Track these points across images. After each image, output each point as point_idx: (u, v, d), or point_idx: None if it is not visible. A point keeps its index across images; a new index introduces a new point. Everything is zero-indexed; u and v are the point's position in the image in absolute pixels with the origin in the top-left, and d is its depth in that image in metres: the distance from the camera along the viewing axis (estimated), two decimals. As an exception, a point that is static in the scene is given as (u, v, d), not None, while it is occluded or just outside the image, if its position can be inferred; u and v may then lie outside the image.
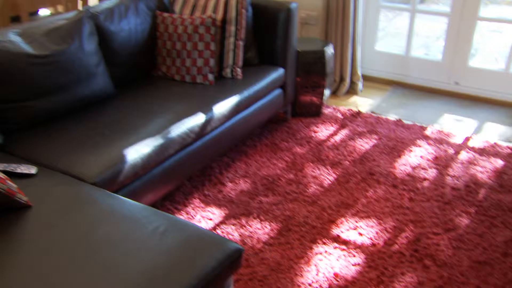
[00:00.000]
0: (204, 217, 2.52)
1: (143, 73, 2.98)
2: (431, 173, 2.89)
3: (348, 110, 3.66)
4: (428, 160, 3.02)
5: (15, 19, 3.59)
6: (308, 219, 2.50)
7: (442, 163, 2.99)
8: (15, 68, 2.26)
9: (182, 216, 2.52)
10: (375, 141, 3.24)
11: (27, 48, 2.33)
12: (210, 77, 2.87)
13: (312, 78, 3.45)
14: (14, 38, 2.33)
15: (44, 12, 4.05)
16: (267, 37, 3.18)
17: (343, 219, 2.51)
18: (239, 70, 2.98)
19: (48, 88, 2.37)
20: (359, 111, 3.65)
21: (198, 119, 2.51)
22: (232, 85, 2.88)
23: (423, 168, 2.94)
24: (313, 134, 3.33)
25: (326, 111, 3.66)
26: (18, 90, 2.28)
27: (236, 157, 3.05)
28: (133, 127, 2.35)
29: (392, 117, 3.59)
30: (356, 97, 3.93)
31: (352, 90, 4.01)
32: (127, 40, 2.80)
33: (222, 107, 2.66)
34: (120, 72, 2.82)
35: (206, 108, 2.59)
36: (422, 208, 2.59)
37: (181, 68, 2.89)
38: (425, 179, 2.84)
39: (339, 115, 3.59)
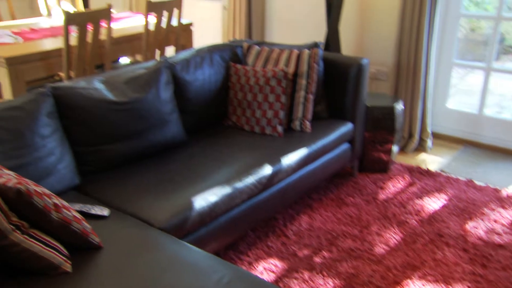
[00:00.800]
0: (267, 269, 2.49)
1: (214, 122, 3.06)
2: (507, 239, 2.74)
3: (417, 167, 3.58)
4: (503, 225, 2.88)
5: (99, 67, 3.82)
6: (373, 278, 2.42)
7: (517, 229, 2.84)
8: (97, 113, 2.39)
9: (245, 267, 2.51)
10: (444, 201, 3.13)
11: (108, 95, 2.46)
12: (279, 129, 2.91)
13: (380, 133, 3.42)
14: (98, 85, 2.47)
15: (124, 60, 4.29)
16: (337, 91, 3.20)
17: (409, 281, 2.41)
18: (308, 123, 3.00)
19: (124, 133, 2.48)
20: (428, 169, 3.56)
21: (265, 170, 2.53)
22: (300, 137, 2.90)
23: (497, 233, 2.79)
24: (379, 191, 3.26)
25: (394, 167, 3.59)
26: (98, 134, 2.40)
27: (301, 210, 3.03)
28: (202, 175, 2.40)
29: (462, 177, 3.47)
30: (425, 155, 3.85)
31: (421, 147, 3.92)
32: (201, 89, 2.90)
33: (290, 159, 2.68)
34: (192, 120, 2.91)
35: (274, 159, 2.61)
36: (497, 276, 2.45)
37: (251, 119, 2.94)
38: (500, 245, 2.69)
39: (407, 172, 3.51)
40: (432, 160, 3.75)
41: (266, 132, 2.92)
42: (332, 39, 3.81)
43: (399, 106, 3.46)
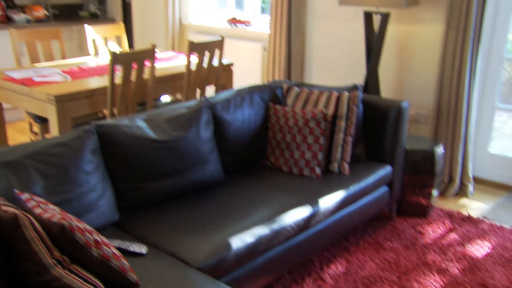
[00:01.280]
0: (302, 313, 2.45)
1: (252, 162, 3.08)
2: (554, 292, 2.62)
3: (457, 213, 3.49)
4: (550, 276, 2.76)
5: (141, 104, 3.92)
6: (412, 328, 2.34)
7: None
8: (138, 151, 2.44)
9: (279, 310, 2.47)
10: (488, 250, 3.03)
11: (150, 133, 2.52)
12: (318, 170, 2.90)
13: (420, 177, 3.36)
14: (140, 123, 2.53)
15: (165, 98, 4.39)
16: (376, 134, 3.18)
17: (451, 333, 2.32)
18: (346, 165, 2.99)
19: (164, 171, 2.52)
20: (469, 215, 3.46)
21: (303, 212, 2.51)
22: (338, 180, 2.88)
23: (543, 285, 2.67)
24: (419, 236, 3.18)
25: (434, 212, 3.51)
26: (138, 171, 2.45)
27: (337, 253, 2.98)
28: (239, 215, 2.40)
29: (507, 225, 3.36)
30: (466, 200, 3.75)
31: (462, 192, 3.83)
32: (240, 129, 2.94)
33: (327, 202, 2.66)
34: (231, 159, 2.93)
35: (311, 201, 2.60)
36: (543, 331, 2.33)
37: (289, 160, 2.95)
38: (546, 298, 2.58)
39: (448, 218, 3.42)
40: (473, 206, 3.65)
41: (304, 174, 2.92)
42: (371, 81, 3.81)
43: (439, 150, 3.41)
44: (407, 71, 4.03)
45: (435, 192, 3.46)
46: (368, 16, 3.77)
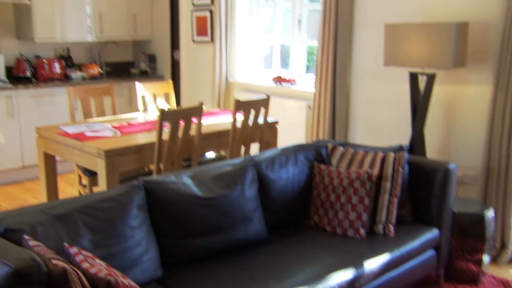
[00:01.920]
0: None
1: (295, 220, 3.06)
2: None
3: None
4: None
5: (186, 160, 3.99)
6: None
7: None
8: (183, 208, 2.47)
9: None
10: (544, 322, 2.85)
11: (196, 190, 2.55)
12: (362, 231, 2.85)
13: (469, 242, 3.24)
14: (186, 180, 2.58)
15: (210, 154, 4.46)
16: (422, 195, 3.12)
17: None
18: (391, 227, 2.93)
19: (208, 228, 2.53)
20: (523, 283, 3.29)
21: (347, 274, 2.46)
22: (384, 242, 2.81)
23: None
24: (469, 304, 3.04)
25: (485, 279, 3.35)
26: (183, 227, 2.47)
27: (382, 318, 2.87)
28: (282, 275, 2.37)
29: None
30: (519, 267, 3.58)
31: (515, 259, 3.67)
32: (284, 188, 2.94)
33: (372, 264, 2.59)
34: (275, 218, 2.92)
35: (356, 263, 2.54)
36: None
37: (333, 220, 2.92)
38: None
39: (501, 287, 3.26)
40: (527, 274, 3.47)
41: (348, 234, 2.87)
42: (417, 142, 3.77)
43: (490, 213, 3.30)
44: (454, 131, 3.97)
45: (486, 258, 3.32)
46: (413, 77, 3.78)
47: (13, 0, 5.47)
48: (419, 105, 3.74)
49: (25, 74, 5.69)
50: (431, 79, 3.66)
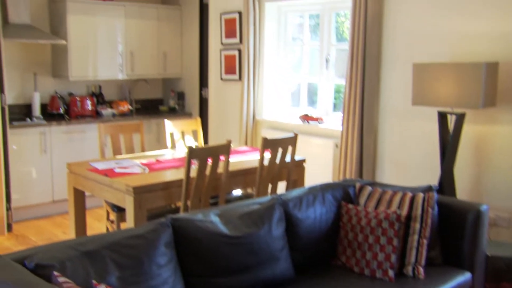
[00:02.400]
0: None
1: (322, 260, 3.01)
2: None
3: (548, 328, 3.19)
4: None
5: (213, 197, 4.01)
6: None
7: None
8: (211, 246, 2.47)
9: None
10: None
11: (223, 228, 2.55)
12: (391, 273, 2.79)
13: (504, 287, 3.14)
14: (214, 218, 2.58)
15: (237, 192, 4.47)
16: (453, 237, 3.05)
17: None
18: (421, 269, 2.86)
19: (235, 267, 2.52)
20: (561, 331, 3.15)
21: (376, 318, 2.40)
22: (413, 284, 2.75)
23: None
24: None
25: (520, 326, 3.23)
26: (209, 266, 2.46)
27: None
28: (309, 318, 2.32)
29: None
30: (556, 314, 3.43)
31: (551, 305, 3.52)
32: (312, 227, 2.92)
33: (402, 308, 2.53)
34: (301, 257, 2.89)
35: (385, 307, 2.48)
36: None
37: (361, 261, 2.87)
38: None
39: (537, 334, 3.13)
40: None
41: (376, 276, 2.81)
42: (446, 182, 3.72)
43: (524, 257, 3.20)
44: (485, 171, 3.90)
45: (520, 304, 3.21)
46: (442, 116, 3.75)
47: (51, 41, 5.68)
48: (448, 145, 3.70)
49: (58, 111, 5.85)
50: (460, 118, 3.63)
